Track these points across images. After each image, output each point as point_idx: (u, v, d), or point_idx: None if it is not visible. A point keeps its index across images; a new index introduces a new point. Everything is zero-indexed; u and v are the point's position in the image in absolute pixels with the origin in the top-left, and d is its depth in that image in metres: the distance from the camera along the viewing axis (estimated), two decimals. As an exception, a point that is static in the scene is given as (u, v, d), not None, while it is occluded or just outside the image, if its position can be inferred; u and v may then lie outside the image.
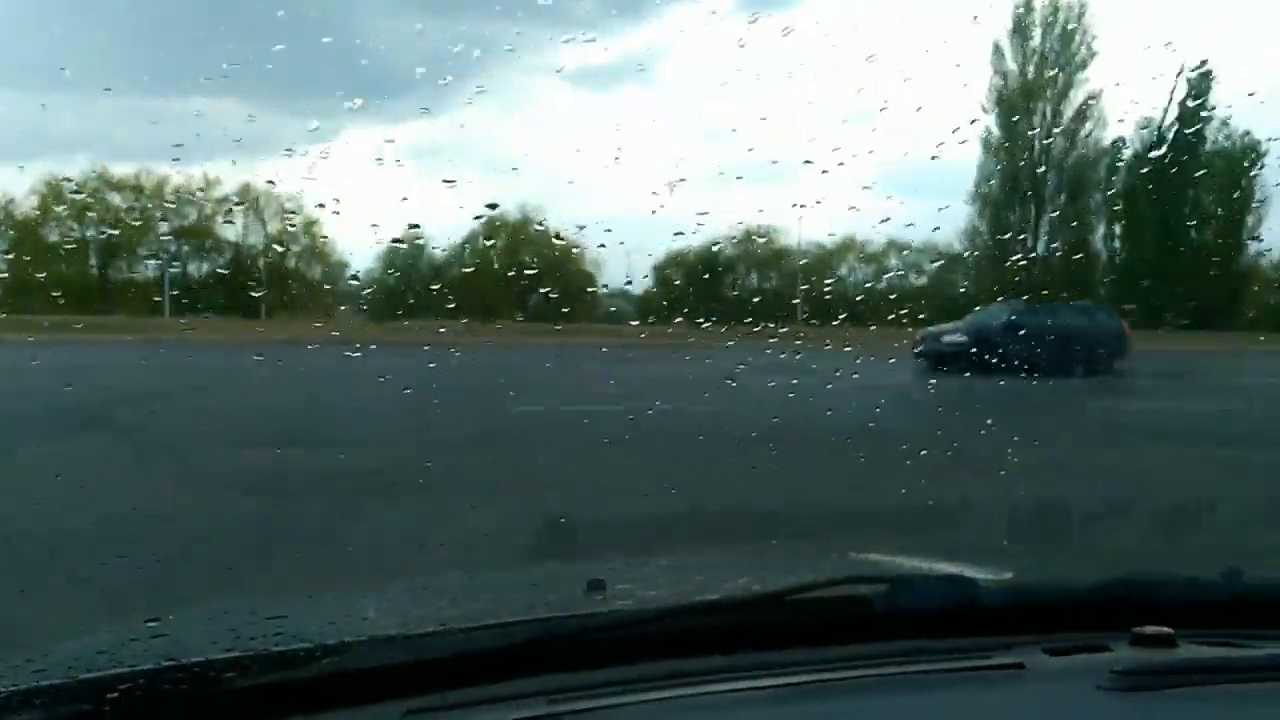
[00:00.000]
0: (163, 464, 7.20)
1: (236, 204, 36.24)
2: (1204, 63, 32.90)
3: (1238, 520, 5.31)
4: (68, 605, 3.76)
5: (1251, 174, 35.92)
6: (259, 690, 1.11)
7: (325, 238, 35.63)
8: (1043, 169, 36.83)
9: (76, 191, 34.43)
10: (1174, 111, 33.20)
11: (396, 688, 1.13)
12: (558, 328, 20.77)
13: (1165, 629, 1.27)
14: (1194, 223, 34.56)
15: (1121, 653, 1.25)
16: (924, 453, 6.84)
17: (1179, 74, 27.70)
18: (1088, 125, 36.44)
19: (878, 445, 7.71)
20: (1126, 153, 37.22)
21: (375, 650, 1.20)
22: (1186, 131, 33.28)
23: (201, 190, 35.23)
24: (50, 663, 1.18)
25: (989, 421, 8.85)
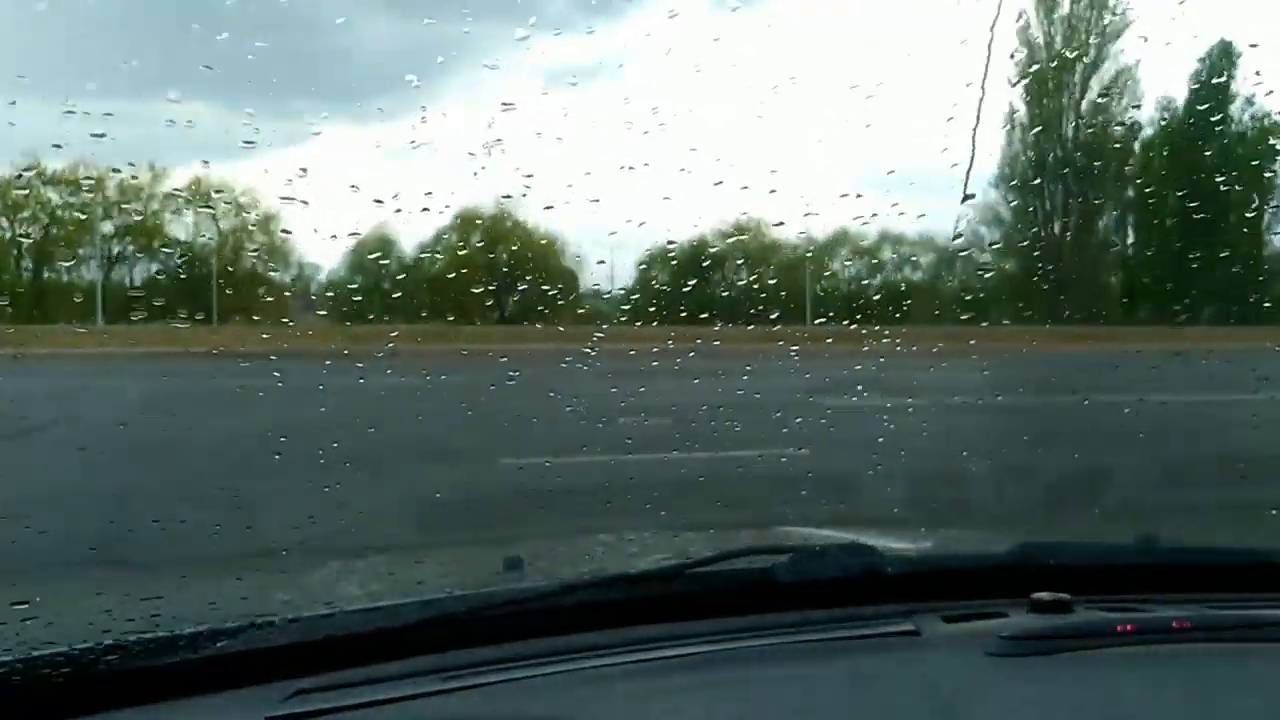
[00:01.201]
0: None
1: (184, 199, 34.42)
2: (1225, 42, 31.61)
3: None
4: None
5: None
6: (140, 674, 1.10)
7: (288, 232, 33.90)
8: (1070, 149, 35.12)
9: (22, 188, 32.64)
10: (1193, 90, 32.06)
11: (283, 669, 1.13)
12: (538, 327, 18.91)
13: (1061, 595, 1.32)
14: (1212, 210, 32.99)
15: (1019, 619, 1.31)
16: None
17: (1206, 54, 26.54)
18: (1120, 101, 34.82)
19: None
20: (1145, 133, 35.65)
21: (262, 632, 1.18)
22: (1201, 109, 31.97)
23: (147, 185, 33.52)
24: None
25: None
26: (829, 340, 8.67)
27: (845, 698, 1.18)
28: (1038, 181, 35.17)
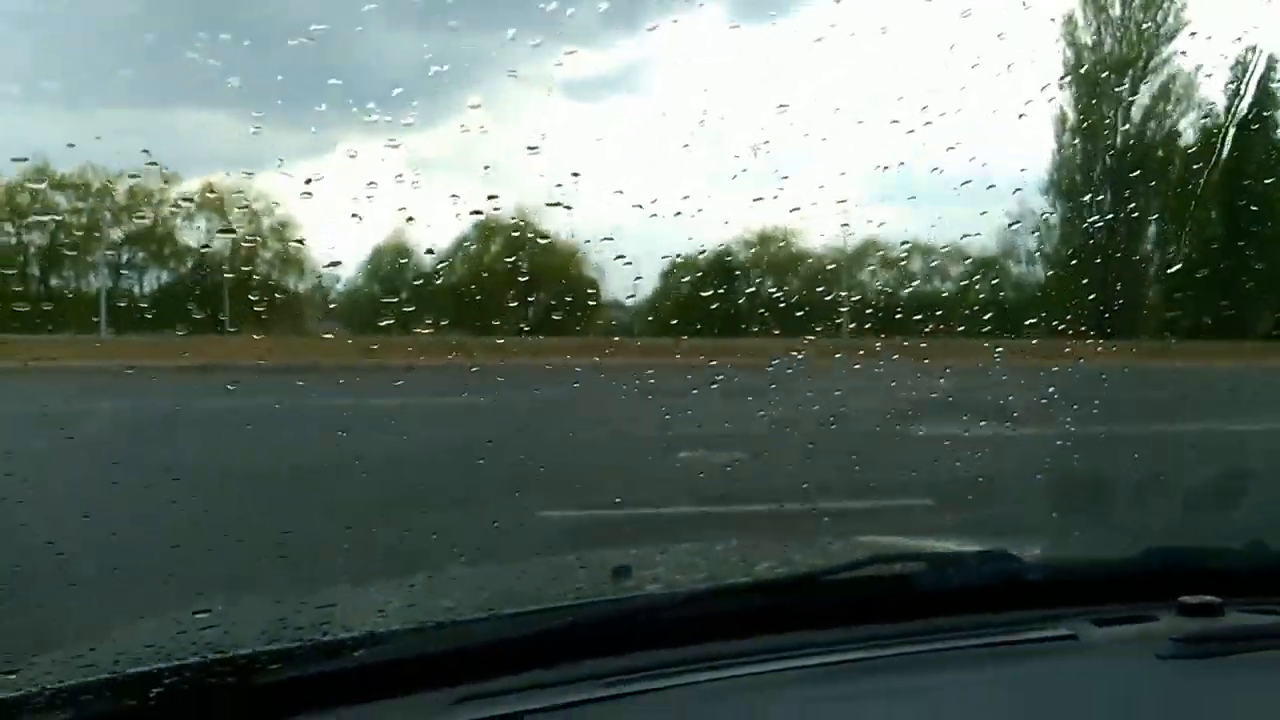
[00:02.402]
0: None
1: (196, 205, 34.43)
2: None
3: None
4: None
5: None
6: (305, 681, 1.17)
7: (300, 242, 33.76)
8: (1120, 155, 34.55)
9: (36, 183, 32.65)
10: (1245, 97, 31.45)
11: (445, 675, 1.19)
12: (564, 340, 18.55)
13: (1212, 598, 1.35)
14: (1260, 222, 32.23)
15: (1171, 622, 1.34)
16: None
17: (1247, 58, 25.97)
18: (1173, 107, 34.21)
19: None
20: (1184, 141, 35.08)
21: (422, 638, 1.27)
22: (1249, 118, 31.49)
23: (158, 191, 33.50)
24: (97, 657, 1.28)
25: None
26: (885, 353, 8.15)
27: (1015, 703, 1.18)
28: (1084, 188, 34.68)
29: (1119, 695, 1.19)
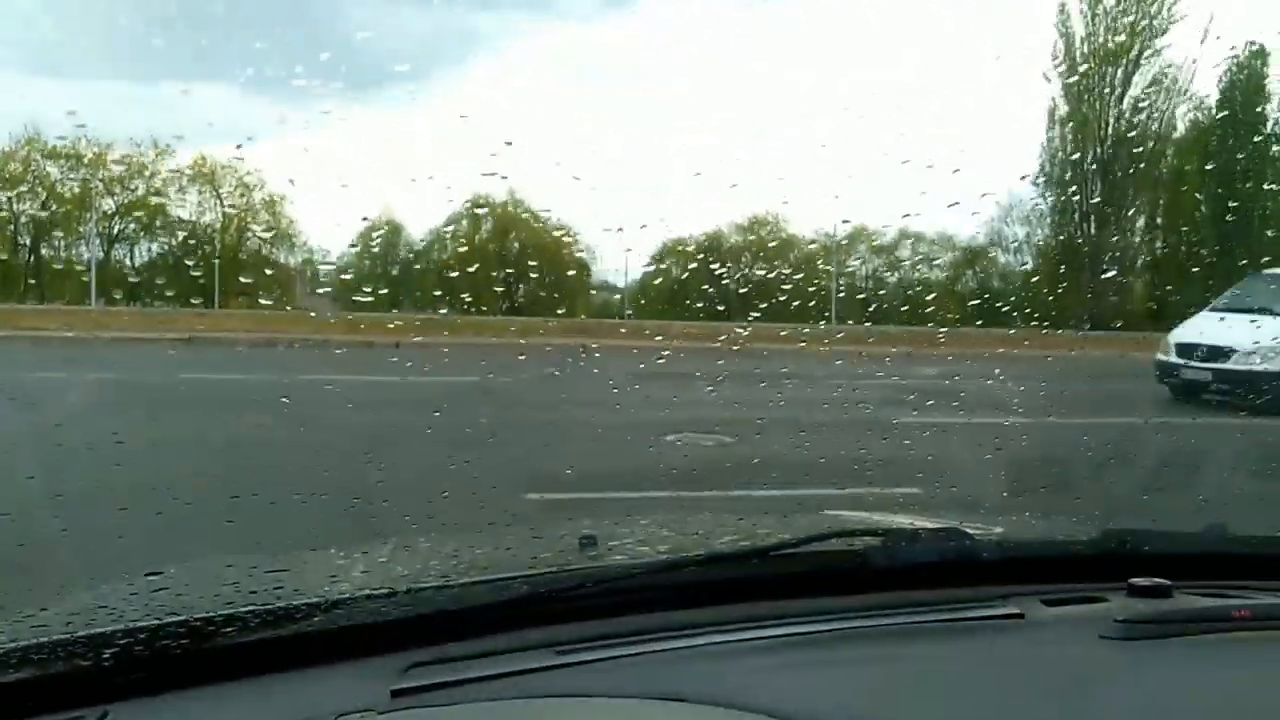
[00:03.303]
0: None
1: (188, 177, 34.17)
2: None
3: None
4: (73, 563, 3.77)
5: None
6: (260, 645, 1.14)
7: (292, 220, 33.58)
8: (1110, 146, 34.53)
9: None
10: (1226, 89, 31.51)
11: (398, 642, 1.17)
12: (551, 323, 18.48)
13: (1161, 580, 1.36)
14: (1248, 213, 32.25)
15: (1120, 603, 1.34)
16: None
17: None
18: (1164, 98, 34.18)
19: None
20: (1182, 133, 35.05)
21: (376, 605, 1.22)
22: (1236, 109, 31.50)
23: (151, 163, 33.26)
24: (48, 618, 1.25)
25: None
26: (874, 341, 8.15)
27: (960, 677, 1.20)
28: (1074, 179, 34.69)
29: (1060, 673, 1.20)
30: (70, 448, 6.18)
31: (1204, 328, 11.95)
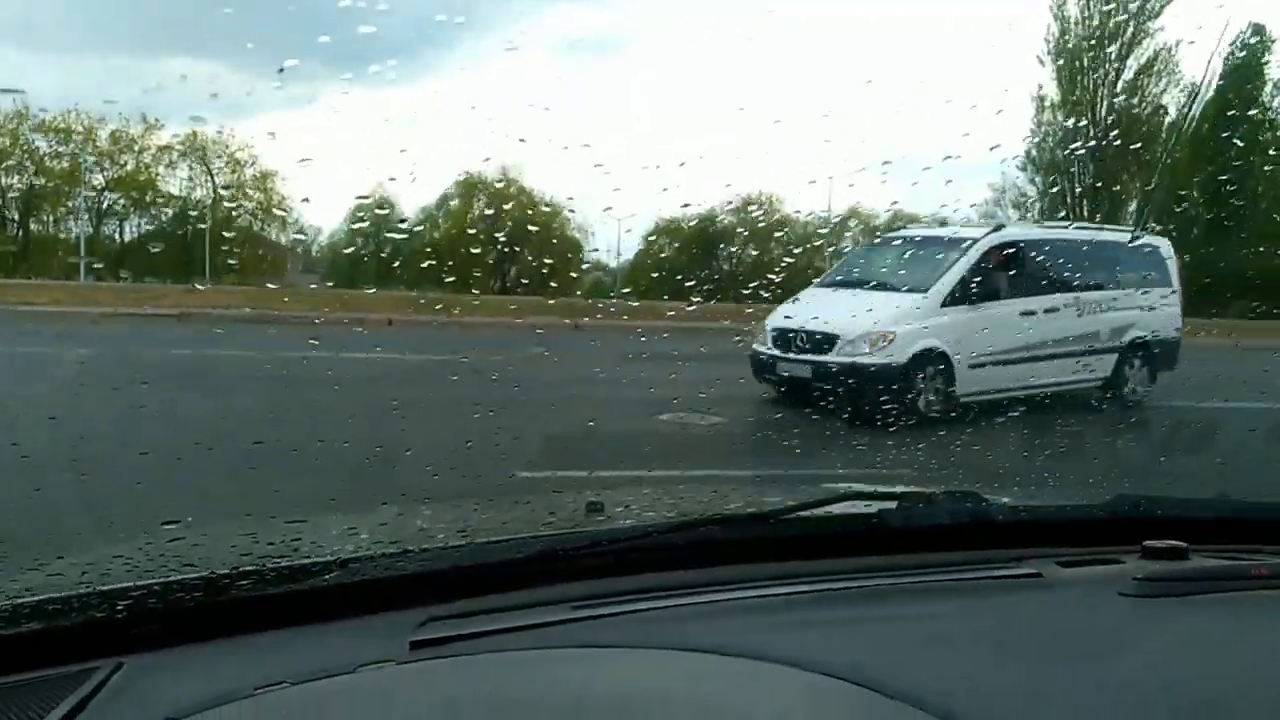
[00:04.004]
0: None
1: (179, 152, 33.86)
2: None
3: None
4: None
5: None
6: (274, 599, 1.13)
7: (284, 197, 33.30)
8: (1103, 129, 34.45)
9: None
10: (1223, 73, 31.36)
11: (414, 597, 1.16)
12: (550, 302, 18.27)
13: (1177, 542, 1.34)
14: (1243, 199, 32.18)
15: (1136, 564, 1.33)
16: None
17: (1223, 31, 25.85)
18: (1158, 83, 34.09)
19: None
20: (1167, 116, 34.95)
21: (392, 560, 1.22)
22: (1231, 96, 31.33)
23: (140, 137, 32.96)
24: (63, 567, 1.28)
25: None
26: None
27: (979, 634, 1.20)
28: (1067, 163, 34.62)
29: (1081, 630, 1.20)
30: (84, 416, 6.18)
31: (805, 309, 9.00)
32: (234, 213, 34.84)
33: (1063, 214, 34.31)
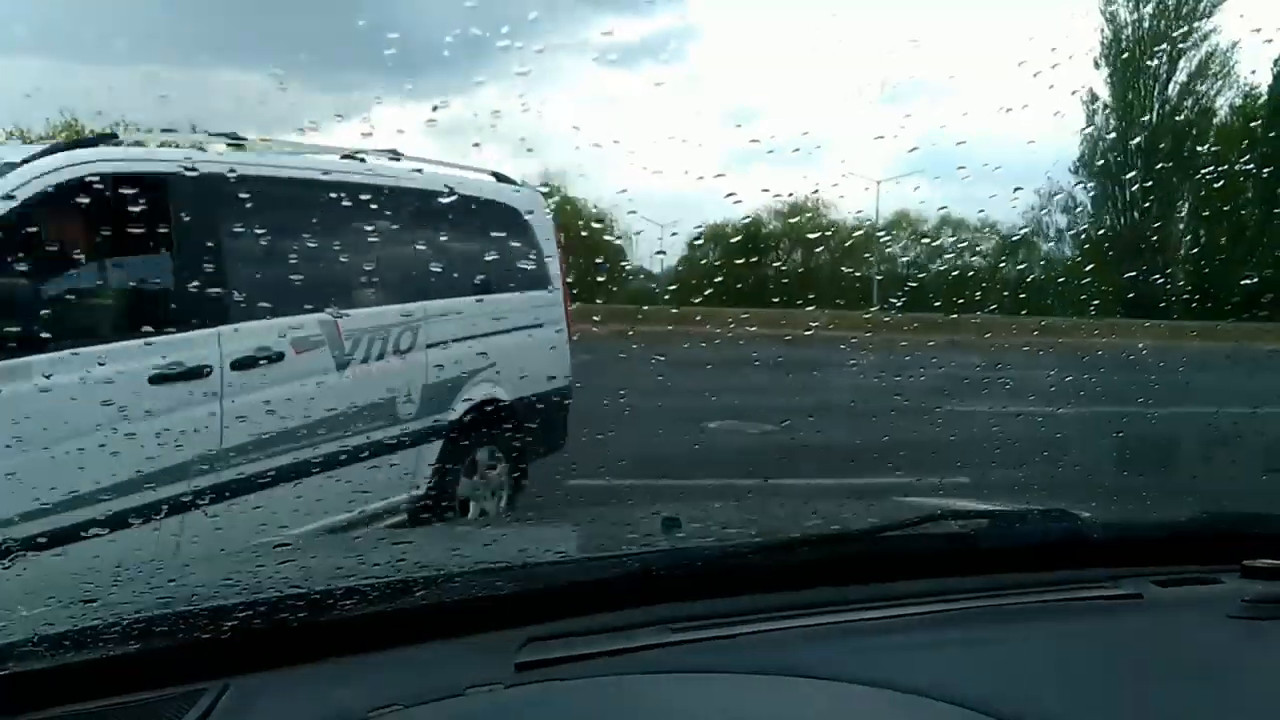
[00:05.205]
0: None
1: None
2: None
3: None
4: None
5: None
6: (377, 617, 1.13)
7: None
8: (1154, 133, 33.89)
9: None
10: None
11: (515, 616, 1.17)
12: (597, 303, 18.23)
13: (1278, 562, 1.30)
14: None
15: (1236, 584, 1.29)
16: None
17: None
18: (1210, 85, 33.48)
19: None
20: (1220, 120, 34.35)
21: (493, 579, 1.23)
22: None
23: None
24: (173, 590, 1.29)
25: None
26: (915, 328, 7.90)
27: (1083, 657, 1.16)
28: (1118, 167, 34.12)
29: (1188, 654, 1.18)
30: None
31: None
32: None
33: (1114, 217, 33.83)
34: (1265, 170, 30.90)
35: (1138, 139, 33.80)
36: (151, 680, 1.03)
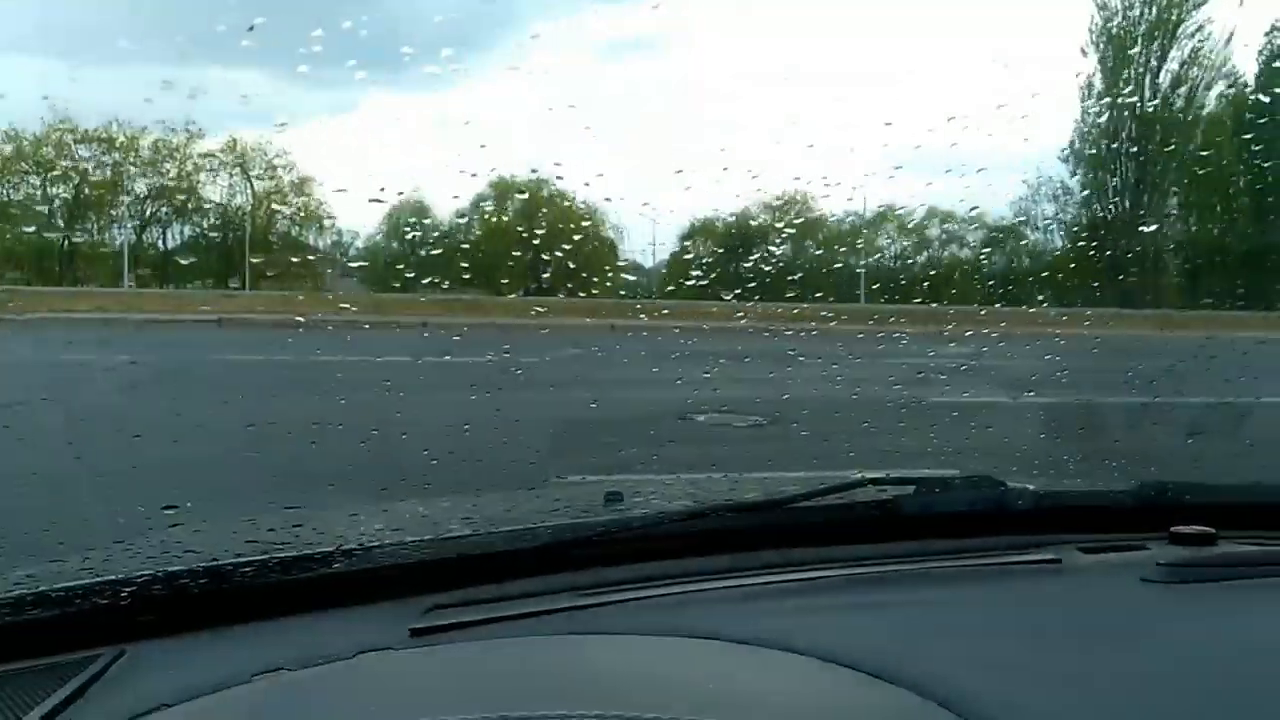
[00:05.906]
0: None
1: (219, 160, 34.15)
2: None
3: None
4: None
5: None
6: (279, 587, 1.13)
7: (322, 202, 33.51)
8: (1144, 123, 33.88)
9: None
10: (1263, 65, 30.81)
11: (418, 585, 1.16)
12: (580, 296, 18.27)
13: (1205, 528, 1.32)
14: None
15: (1161, 550, 1.31)
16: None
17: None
18: (1201, 74, 33.45)
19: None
20: (1216, 109, 34.25)
21: (396, 549, 1.22)
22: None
23: (182, 146, 33.30)
24: (67, 555, 1.26)
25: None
26: (901, 319, 7.95)
27: (997, 620, 1.17)
28: (1108, 156, 34.09)
29: (1101, 616, 1.18)
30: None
31: None
32: (273, 219, 35.17)
33: (1102, 207, 33.85)
34: (1254, 158, 31.10)
35: (1127, 128, 33.77)
36: (47, 647, 1.04)
